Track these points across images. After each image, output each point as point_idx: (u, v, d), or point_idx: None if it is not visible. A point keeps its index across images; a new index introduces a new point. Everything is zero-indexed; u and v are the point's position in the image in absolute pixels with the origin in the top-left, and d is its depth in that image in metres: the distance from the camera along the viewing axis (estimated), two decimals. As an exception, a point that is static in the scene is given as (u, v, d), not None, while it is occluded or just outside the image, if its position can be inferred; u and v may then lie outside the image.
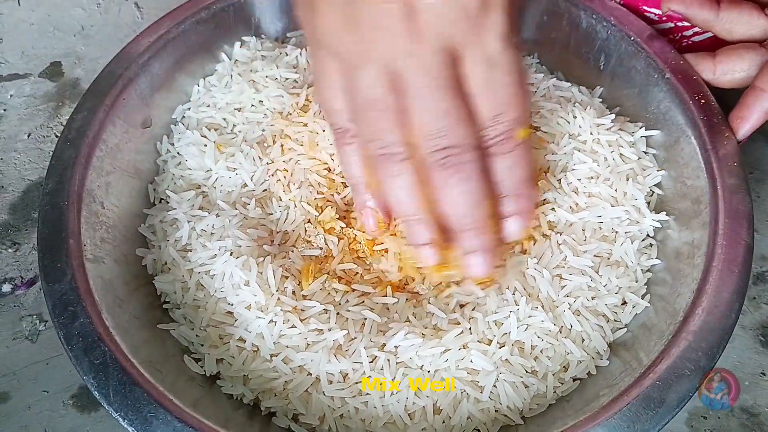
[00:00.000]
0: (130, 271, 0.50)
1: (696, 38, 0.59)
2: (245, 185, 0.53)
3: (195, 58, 0.59)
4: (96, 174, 0.50)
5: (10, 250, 0.62)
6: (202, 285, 0.48)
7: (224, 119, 0.57)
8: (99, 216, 0.49)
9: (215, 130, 0.55)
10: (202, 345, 0.47)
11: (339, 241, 0.51)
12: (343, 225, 0.51)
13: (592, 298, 0.47)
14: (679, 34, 0.59)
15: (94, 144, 0.50)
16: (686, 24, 0.57)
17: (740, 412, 0.52)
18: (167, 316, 0.50)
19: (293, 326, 0.45)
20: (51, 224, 0.46)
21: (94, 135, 0.51)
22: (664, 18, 0.57)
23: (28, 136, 0.70)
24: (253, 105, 0.57)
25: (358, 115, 0.41)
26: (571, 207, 0.51)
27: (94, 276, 0.45)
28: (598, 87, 0.58)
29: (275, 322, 0.45)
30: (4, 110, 0.72)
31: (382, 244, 0.50)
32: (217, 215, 0.50)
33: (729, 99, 0.51)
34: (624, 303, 0.48)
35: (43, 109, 0.72)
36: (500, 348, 0.44)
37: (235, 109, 0.57)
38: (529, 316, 0.45)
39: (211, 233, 0.49)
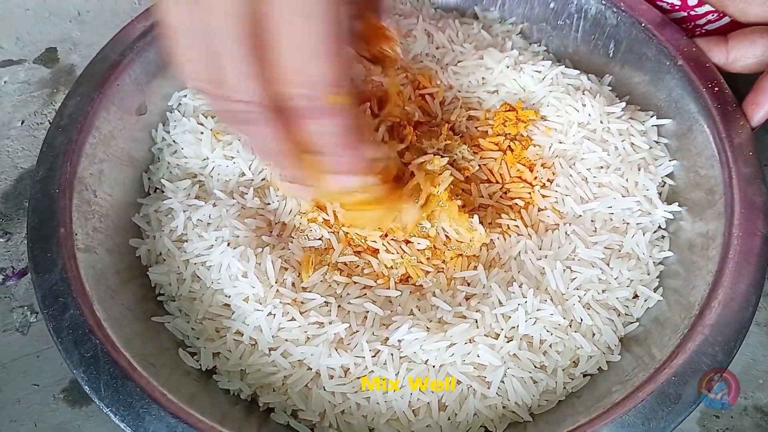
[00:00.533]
0: (123, 262, 0.48)
1: (709, 26, 0.58)
2: (243, 174, 0.51)
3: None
4: (88, 162, 0.48)
5: (1, 240, 0.61)
6: (198, 276, 0.46)
7: None
8: (91, 205, 0.47)
9: (212, 117, 0.54)
10: (198, 338, 0.45)
11: (337, 233, 0.49)
12: (327, 216, 0.49)
13: (603, 291, 0.45)
14: (692, 23, 0.57)
15: (86, 131, 0.49)
16: (699, 12, 0.56)
17: (754, 411, 0.51)
18: (162, 308, 0.48)
19: (293, 319, 0.43)
20: (41, 213, 0.45)
21: (86, 121, 0.49)
22: (677, 7, 0.56)
23: (22, 124, 0.68)
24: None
25: (167, 42, 0.35)
26: (581, 197, 0.49)
27: (86, 266, 0.44)
28: (608, 75, 0.57)
29: (274, 314, 0.43)
30: (-2, 97, 0.70)
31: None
32: (214, 205, 0.48)
33: (739, 86, 0.50)
34: (636, 296, 0.47)
35: (38, 96, 0.70)
36: (508, 342, 0.43)
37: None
38: (538, 310, 0.44)
39: (208, 223, 0.47)
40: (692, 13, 0.56)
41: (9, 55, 0.74)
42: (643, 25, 0.53)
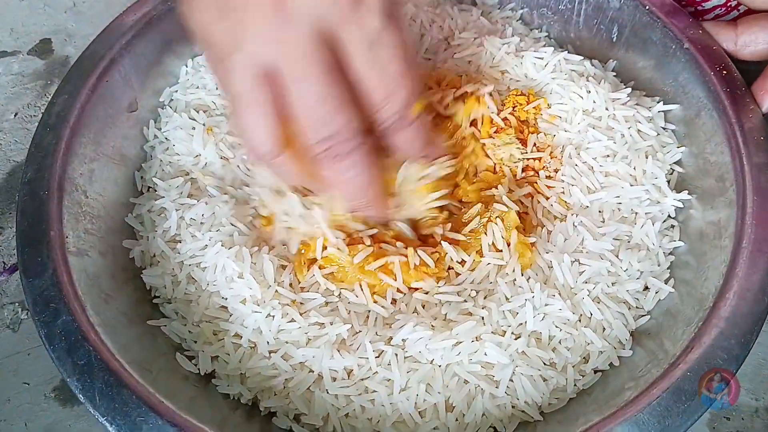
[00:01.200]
0: (117, 264, 0.47)
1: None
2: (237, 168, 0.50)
3: (183, 38, 0.55)
4: (78, 161, 0.47)
5: (-7, 234, 0.60)
6: (193, 278, 0.45)
7: (213, 101, 0.53)
8: (82, 206, 0.46)
9: (204, 112, 0.52)
10: (196, 342, 0.44)
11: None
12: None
13: (613, 284, 0.44)
14: (701, 18, 0.56)
15: (76, 129, 0.47)
16: (707, 7, 0.55)
17: (765, 413, 0.50)
18: (158, 311, 0.46)
19: (292, 320, 0.42)
20: (30, 215, 0.43)
21: (75, 120, 0.47)
22: (684, 1, 0.54)
23: (15, 116, 0.67)
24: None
25: (231, 109, 0.39)
26: (587, 187, 0.48)
27: (78, 270, 0.42)
28: (611, 60, 0.55)
29: (273, 316, 0.42)
30: (-9, 88, 0.69)
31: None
32: (206, 203, 0.46)
33: (746, 75, 0.48)
34: (646, 288, 0.45)
35: (31, 88, 0.70)
36: (516, 339, 0.41)
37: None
38: (546, 305, 0.42)
39: (201, 222, 0.46)
40: (700, 8, 0.55)
41: (3, 47, 0.73)
42: (647, 8, 0.52)
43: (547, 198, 0.48)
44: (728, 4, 0.55)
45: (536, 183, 0.49)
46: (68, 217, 0.44)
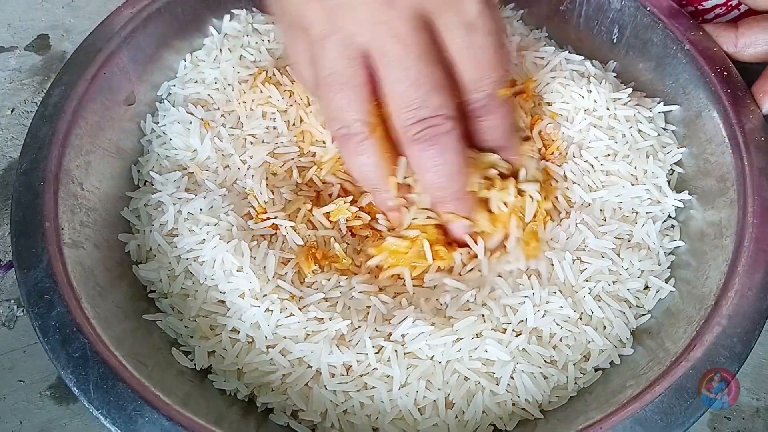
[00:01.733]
0: (112, 258, 0.46)
1: (718, 21, 0.56)
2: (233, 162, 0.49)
3: (182, 32, 0.55)
4: (75, 153, 0.46)
5: (-12, 231, 0.59)
6: (190, 272, 0.44)
7: (210, 95, 0.53)
8: (78, 198, 0.45)
9: (202, 106, 0.52)
10: (192, 336, 0.43)
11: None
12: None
13: (614, 283, 0.44)
14: (700, 18, 0.56)
15: (72, 121, 0.47)
16: (707, 7, 0.56)
17: (766, 413, 0.49)
18: (153, 305, 0.46)
19: (291, 315, 0.41)
20: (25, 207, 0.43)
21: (72, 111, 0.47)
22: (684, 2, 0.54)
23: (12, 112, 0.67)
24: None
25: (320, 90, 0.40)
26: (588, 186, 0.48)
27: (73, 262, 0.42)
28: (612, 61, 0.55)
29: (272, 310, 0.41)
30: (-12, 84, 0.69)
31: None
32: (204, 197, 0.46)
33: (747, 76, 0.48)
34: (647, 287, 0.45)
35: (28, 84, 0.69)
36: (516, 336, 0.41)
37: (228, 84, 0.53)
38: (547, 302, 0.42)
39: (198, 218, 0.45)
40: (700, 7, 0.55)
41: (0, 42, 0.72)
42: (648, 9, 0.52)
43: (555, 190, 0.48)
44: (729, 4, 0.55)
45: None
46: (64, 209, 0.43)
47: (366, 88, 0.39)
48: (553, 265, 0.44)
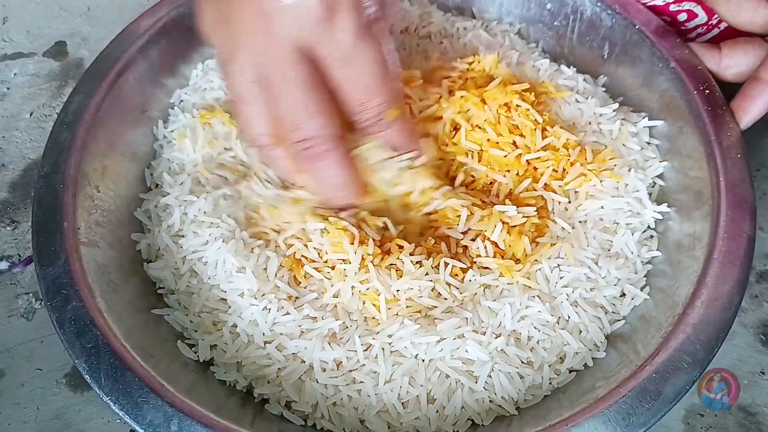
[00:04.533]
0: (125, 256, 0.50)
1: (699, 40, 0.58)
2: (241, 162, 0.53)
3: (195, 42, 0.58)
4: (92, 158, 0.49)
5: (8, 228, 0.62)
6: (195, 271, 0.47)
7: (216, 100, 0.56)
8: (94, 199, 0.48)
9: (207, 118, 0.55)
10: (196, 331, 0.47)
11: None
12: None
13: (591, 290, 0.46)
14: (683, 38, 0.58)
15: (90, 127, 0.50)
16: (689, 27, 0.57)
17: (738, 411, 0.52)
18: (161, 301, 0.49)
19: (287, 313, 0.45)
20: (46, 207, 0.46)
21: (90, 118, 0.50)
22: (667, 21, 0.56)
23: (30, 115, 0.70)
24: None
25: (234, 106, 0.45)
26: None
27: (88, 259, 0.45)
28: (602, 76, 0.58)
29: (269, 309, 0.45)
30: (8, 89, 0.72)
31: None
32: (206, 199, 0.49)
33: (728, 90, 0.50)
34: (623, 295, 0.48)
35: (46, 89, 0.72)
36: (496, 338, 0.44)
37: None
38: (527, 307, 0.45)
39: (202, 221, 0.48)
40: (682, 28, 0.57)
41: (19, 48, 0.75)
42: (637, 27, 0.54)
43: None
44: (709, 23, 0.57)
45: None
46: (81, 210, 0.46)
47: (267, 105, 0.43)
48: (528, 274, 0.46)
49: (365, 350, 0.44)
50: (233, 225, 0.48)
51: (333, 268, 0.46)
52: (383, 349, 0.44)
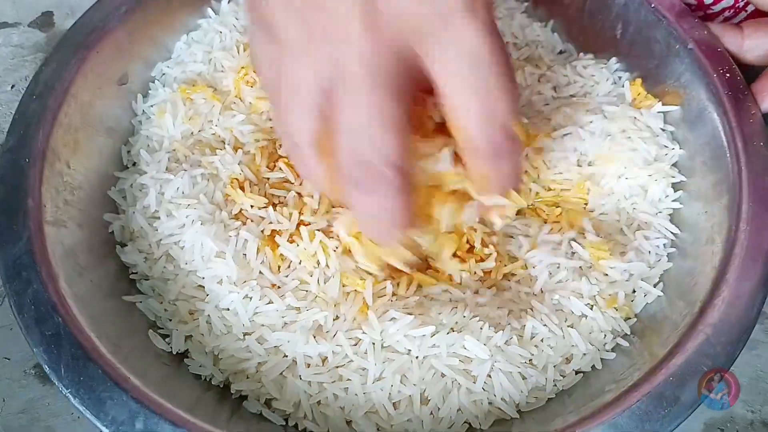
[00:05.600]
0: (97, 238, 0.46)
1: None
2: (222, 141, 0.49)
3: (179, 12, 0.55)
4: (63, 131, 0.46)
5: (-17, 205, 0.59)
6: (171, 256, 0.44)
7: (199, 75, 0.53)
8: (64, 176, 0.45)
9: (191, 86, 0.51)
10: (171, 320, 0.43)
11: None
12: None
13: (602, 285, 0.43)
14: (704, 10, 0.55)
15: (62, 99, 0.46)
16: (715, 10, 0.55)
17: (761, 426, 0.48)
18: (135, 287, 0.46)
19: (270, 302, 0.41)
20: (9, 183, 0.43)
21: (62, 89, 0.47)
22: (693, 6, 0.53)
23: (12, 88, 0.66)
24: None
25: (280, 100, 0.36)
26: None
27: (54, 240, 0.41)
28: (614, 58, 0.54)
29: (251, 297, 0.41)
30: (-10, 59, 0.68)
31: None
32: (182, 177, 0.45)
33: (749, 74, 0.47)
34: (634, 291, 0.44)
35: (30, 60, 0.68)
36: (496, 332, 0.40)
37: (221, 66, 0.52)
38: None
39: (179, 201, 0.45)
40: (709, 11, 0.54)
41: (4, 17, 0.71)
42: (652, 5, 0.51)
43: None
44: (736, 5, 0.54)
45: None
46: (48, 186, 0.43)
47: (321, 112, 0.34)
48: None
49: (354, 345, 0.40)
50: (211, 207, 0.44)
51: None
52: (374, 344, 0.40)
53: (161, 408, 0.36)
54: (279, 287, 0.42)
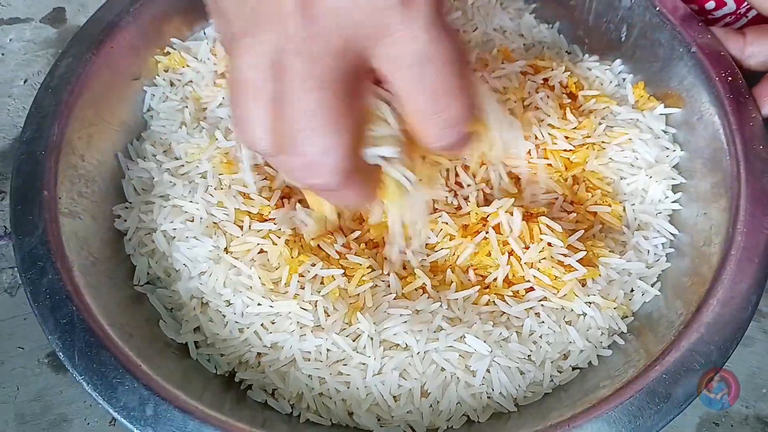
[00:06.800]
0: (111, 229, 0.47)
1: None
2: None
3: (192, 8, 0.55)
4: (78, 125, 0.47)
5: (-4, 199, 0.60)
6: (173, 258, 0.45)
7: (199, 72, 0.54)
8: (78, 169, 0.46)
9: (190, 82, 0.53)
10: (179, 311, 0.44)
11: None
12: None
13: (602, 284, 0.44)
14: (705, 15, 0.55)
15: (77, 93, 0.47)
16: (717, 16, 0.55)
17: (755, 421, 0.49)
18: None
19: (259, 304, 0.42)
20: (25, 175, 0.44)
21: (77, 83, 0.48)
22: (695, 10, 0.54)
23: (25, 82, 0.67)
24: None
25: (232, 94, 0.33)
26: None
27: (68, 231, 0.43)
28: (618, 60, 0.55)
29: (251, 298, 0.42)
30: (2, 54, 0.69)
31: None
32: (189, 181, 0.46)
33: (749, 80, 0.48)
34: (632, 290, 0.45)
35: (42, 55, 0.69)
36: (494, 326, 0.41)
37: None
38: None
39: (181, 204, 0.46)
40: (710, 17, 0.55)
41: (16, 13, 0.73)
42: (657, 9, 0.51)
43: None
44: (738, 12, 0.54)
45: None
46: (62, 178, 0.44)
47: (276, 103, 0.32)
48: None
49: (354, 341, 0.41)
50: (214, 205, 0.45)
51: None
52: (372, 339, 0.41)
53: (170, 394, 0.37)
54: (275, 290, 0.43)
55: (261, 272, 0.42)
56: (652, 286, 0.45)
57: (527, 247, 0.43)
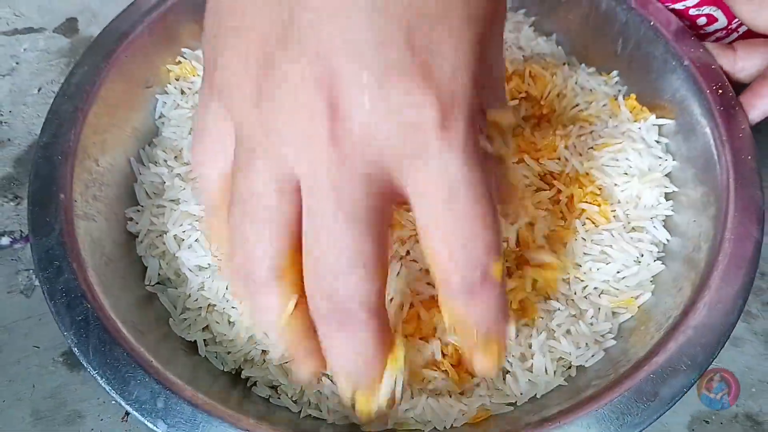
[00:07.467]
0: (123, 231, 0.49)
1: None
2: None
3: (202, 19, 0.56)
4: (92, 131, 0.49)
5: (11, 203, 0.62)
6: (180, 262, 0.47)
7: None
8: (92, 173, 0.48)
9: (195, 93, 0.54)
10: (189, 309, 0.46)
11: None
12: None
13: (595, 289, 0.46)
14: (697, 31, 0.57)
15: (92, 100, 0.49)
16: (708, 31, 0.56)
17: (744, 419, 0.51)
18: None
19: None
20: (43, 178, 0.45)
21: (93, 91, 0.49)
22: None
23: (39, 91, 0.69)
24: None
25: (233, 210, 0.30)
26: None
27: (83, 233, 0.44)
28: (615, 71, 0.57)
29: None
30: (17, 63, 0.71)
31: None
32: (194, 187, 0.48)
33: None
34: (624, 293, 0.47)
35: (56, 65, 0.71)
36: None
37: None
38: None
39: (188, 209, 0.48)
40: (702, 32, 0.56)
41: (30, 23, 0.74)
42: (651, 23, 0.53)
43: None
44: (728, 27, 0.56)
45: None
46: (78, 182, 0.46)
47: (289, 228, 0.29)
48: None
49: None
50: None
51: None
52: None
53: (180, 389, 0.38)
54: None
55: None
56: (644, 289, 0.47)
57: None
